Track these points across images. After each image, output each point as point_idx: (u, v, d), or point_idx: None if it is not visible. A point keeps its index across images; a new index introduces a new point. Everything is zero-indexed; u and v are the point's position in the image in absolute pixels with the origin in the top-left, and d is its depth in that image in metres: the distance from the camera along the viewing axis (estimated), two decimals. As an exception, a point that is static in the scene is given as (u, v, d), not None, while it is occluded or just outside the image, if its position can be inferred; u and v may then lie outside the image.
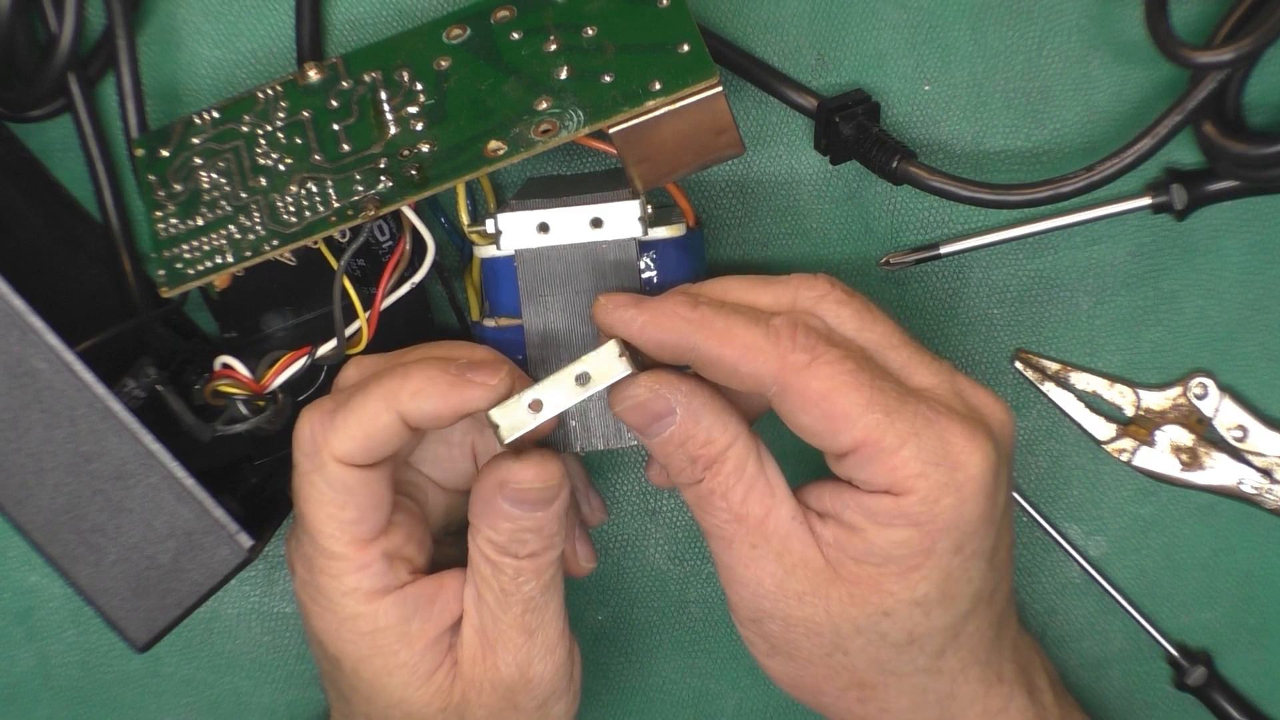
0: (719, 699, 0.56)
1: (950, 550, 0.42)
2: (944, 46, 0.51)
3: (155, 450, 0.44)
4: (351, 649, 0.45)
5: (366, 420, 0.43)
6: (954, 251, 0.51)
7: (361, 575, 0.44)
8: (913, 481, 0.41)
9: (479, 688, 0.45)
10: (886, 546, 0.42)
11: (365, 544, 0.44)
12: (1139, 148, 0.47)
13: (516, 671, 0.45)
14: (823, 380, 0.41)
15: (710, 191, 0.52)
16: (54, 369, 0.43)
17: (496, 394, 0.43)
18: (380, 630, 0.44)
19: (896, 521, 0.42)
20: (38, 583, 0.55)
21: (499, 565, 0.44)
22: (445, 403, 0.42)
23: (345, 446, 0.43)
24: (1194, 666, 0.54)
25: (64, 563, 0.44)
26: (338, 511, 0.44)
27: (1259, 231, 0.52)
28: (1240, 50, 0.45)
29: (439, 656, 0.45)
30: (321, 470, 0.43)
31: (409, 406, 0.42)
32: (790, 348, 0.42)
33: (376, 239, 0.50)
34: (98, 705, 0.56)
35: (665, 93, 0.43)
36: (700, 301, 0.43)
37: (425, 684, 0.45)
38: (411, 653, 0.45)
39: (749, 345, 0.42)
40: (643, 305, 0.43)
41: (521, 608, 0.45)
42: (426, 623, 0.45)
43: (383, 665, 0.45)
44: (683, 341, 0.42)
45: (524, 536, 0.44)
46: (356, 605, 0.44)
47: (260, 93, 0.47)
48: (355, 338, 0.47)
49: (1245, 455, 0.53)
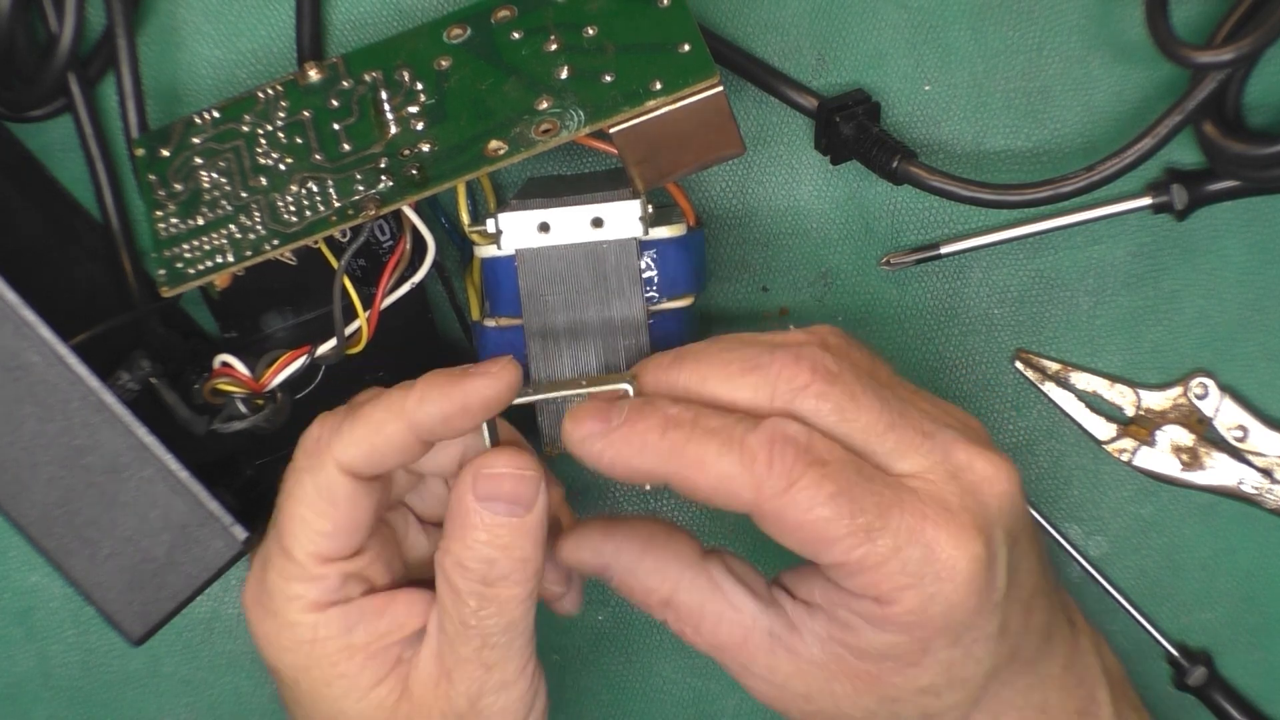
0: (719, 699, 0.56)
1: (947, 645, 0.41)
2: (944, 46, 0.51)
3: (149, 443, 0.44)
4: (290, 658, 0.43)
5: (373, 427, 0.42)
6: (954, 251, 0.51)
7: (310, 585, 0.43)
8: (899, 594, 0.40)
9: (428, 712, 0.43)
10: (880, 647, 0.41)
11: (325, 561, 0.43)
12: (1139, 148, 0.47)
13: (467, 703, 0.43)
14: (799, 509, 0.40)
15: (710, 191, 0.52)
16: (47, 362, 0.43)
17: (500, 382, 0.41)
18: (320, 640, 0.43)
19: (886, 625, 0.41)
20: (38, 583, 0.55)
21: (461, 595, 0.42)
22: (449, 399, 0.41)
23: (349, 452, 0.42)
24: (1194, 666, 0.54)
25: (58, 556, 0.44)
26: (314, 519, 0.43)
27: (1259, 231, 0.52)
28: (1240, 50, 0.45)
29: (382, 670, 0.44)
30: (317, 472, 0.42)
31: (416, 412, 0.41)
32: (766, 473, 0.40)
33: (377, 239, 0.50)
34: (98, 705, 0.56)
35: (666, 92, 0.43)
36: (669, 424, 0.41)
37: (365, 697, 0.43)
38: (352, 664, 0.43)
39: (722, 475, 0.40)
40: (610, 434, 0.41)
41: (479, 642, 0.43)
42: (370, 635, 0.43)
43: (321, 676, 0.43)
44: (654, 472, 0.41)
45: (494, 555, 0.42)
46: (298, 613, 0.43)
47: (261, 92, 0.47)
48: (355, 337, 0.47)
49: (1245, 455, 0.53)
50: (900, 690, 0.42)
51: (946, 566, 0.40)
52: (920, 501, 0.41)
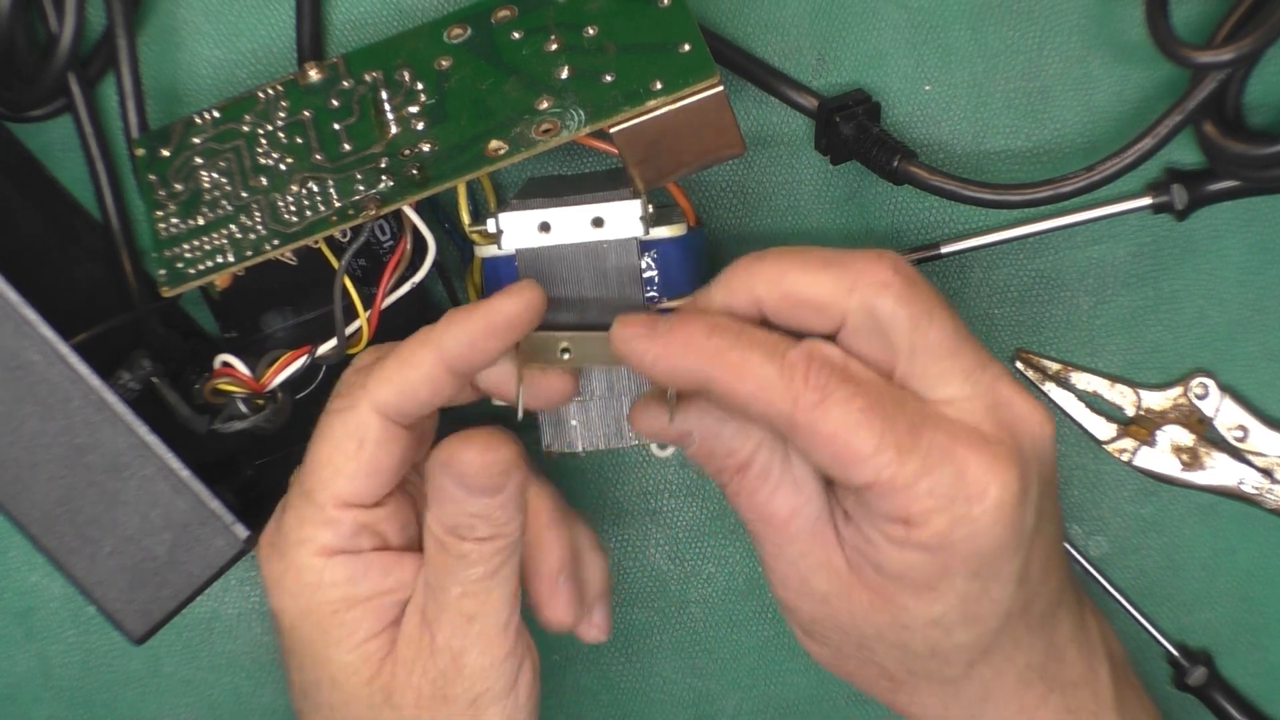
0: (719, 699, 0.56)
1: (967, 576, 0.41)
2: (944, 46, 0.51)
3: (150, 442, 0.44)
4: (291, 601, 0.44)
5: (404, 360, 0.43)
6: (954, 251, 0.51)
7: (323, 529, 0.44)
8: (926, 516, 0.40)
9: (410, 668, 0.44)
10: (899, 566, 0.41)
11: (344, 506, 0.44)
12: (1139, 148, 0.47)
13: (449, 658, 0.44)
14: (832, 420, 0.40)
15: (710, 191, 0.52)
16: (48, 361, 0.43)
17: (522, 300, 0.43)
18: (324, 585, 0.44)
19: (909, 545, 0.41)
20: (38, 582, 0.55)
21: (444, 544, 0.44)
22: (474, 321, 0.43)
23: (383, 390, 0.43)
24: (1194, 666, 0.54)
25: (60, 555, 0.44)
26: (340, 460, 0.43)
27: (1259, 231, 0.52)
28: (1240, 50, 0.45)
29: (377, 626, 0.44)
30: (348, 413, 0.43)
31: (444, 338, 0.43)
32: (803, 386, 0.41)
33: (377, 238, 0.50)
34: (98, 705, 0.56)
35: (666, 92, 0.43)
36: (715, 329, 0.42)
37: (356, 649, 0.44)
38: (351, 614, 0.44)
39: (761, 382, 0.41)
40: (655, 336, 0.42)
41: (460, 589, 0.44)
42: (373, 590, 0.44)
43: (318, 622, 0.44)
44: (696, 375, 0.42)
45: (471, 521, 0.43)
46: (307, 556, 0.44)
47: (261, 92, 0.47)
48: (355, 337, 0.47)
49: (1246, 455, 0.53)
50: (912, 616, 0.42)
51: (977, 490, 0.40)
52: (954, 424, 0.41)
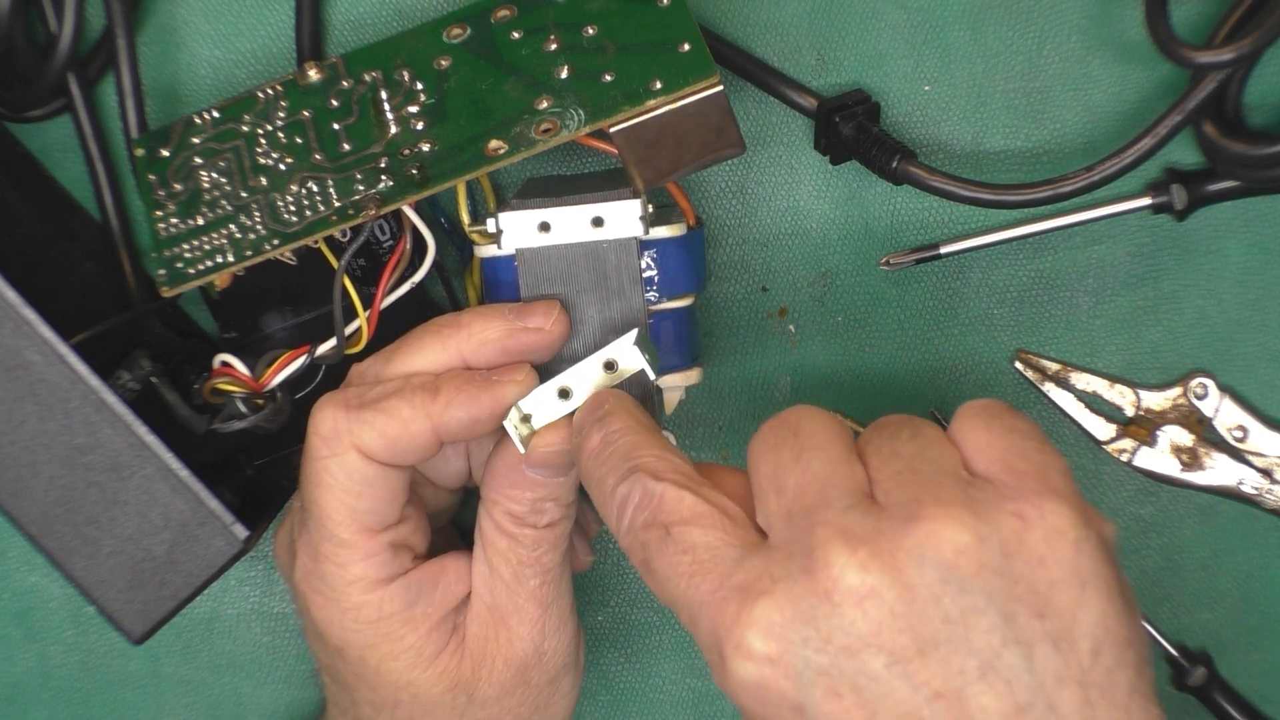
0: (719, 699, 0.56)
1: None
2: (944, 46, 0.51)
3: (150, 442, 0.44)
4: (356, 637, 0.45)
5: (398, 423, 0.43)
6: (954, 251, 0.51)
7: (368, 564, 0.44)
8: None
9: (490, 664, 0.46)
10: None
11: (374, 533, 0.44)
12: (1139, 148, 0.47)
13: (531, 646, 0.46)
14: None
15: (710, 191, 0.52)
16: (48, 361, 0.43)
17: (525, 388, 0.43)
18: (385, 618, 0.45)
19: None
20: (37, 583, 0.55)
21: (517, 537, 0.45)
22: (477, 405, 0.43)
23: (374, 443, 0.43)
24: (1194, 667, 0.54)
25: (59, 555, 0.44)
26: (352, 500, 0.43)
27: (1259, 231, 0.52)
28: (1240, 50, 0.45)
29: (444, 638, 0.46)
30: (340, 458, 0.43)
31: (443, 415, 0.43)
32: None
33: (377, 238, 0.50)
34: (97, 705, 0.56)
35: (666, 92, 0.43)
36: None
37: (431, 665, 0.45)
38: (417, 636, 0.45)
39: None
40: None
41: (539, 579, 0.45)
42: (430, 606, 0.45)
43: (388, 651, 0.45)
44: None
45: (544, 506, 0.45)
46: (361, 594, 0.44)
47: (260, 92, 0.47)
48: (355, 337, 0.47)
49: (1245, 455, 0.53)
50: None
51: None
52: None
